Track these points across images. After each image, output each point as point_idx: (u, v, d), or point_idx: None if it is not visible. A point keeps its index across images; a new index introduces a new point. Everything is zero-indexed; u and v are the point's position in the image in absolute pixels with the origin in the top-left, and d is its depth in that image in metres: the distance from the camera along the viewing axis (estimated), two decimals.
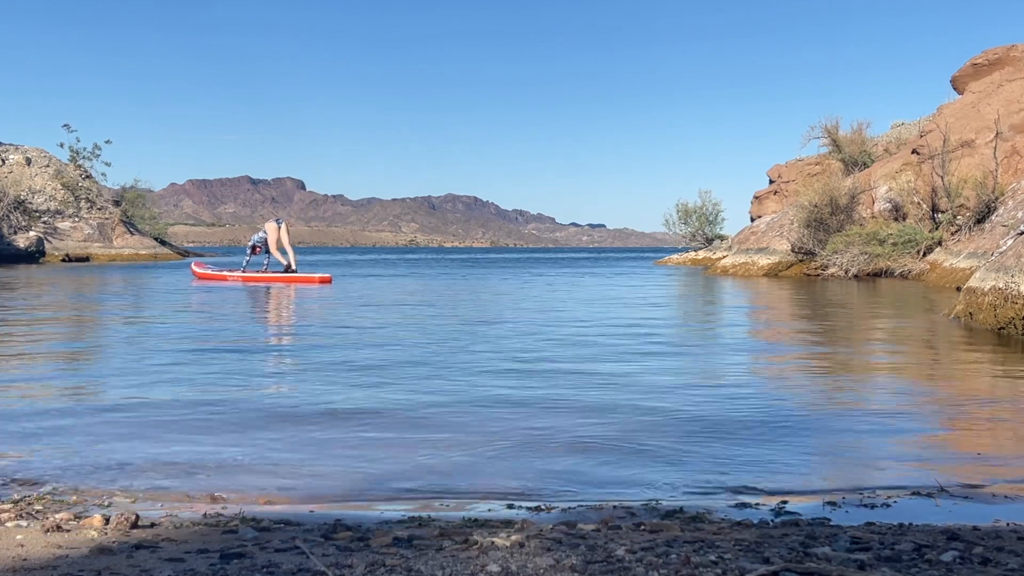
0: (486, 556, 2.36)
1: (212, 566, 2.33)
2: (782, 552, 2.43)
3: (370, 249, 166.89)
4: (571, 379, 6.22)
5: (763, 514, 3.14)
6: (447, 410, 5.07)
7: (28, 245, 39.70)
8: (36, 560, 2.35)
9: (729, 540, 2.57)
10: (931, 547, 2.50)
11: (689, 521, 2.96)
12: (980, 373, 6.82)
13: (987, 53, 27.02)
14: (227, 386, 5.88)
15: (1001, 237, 15.55)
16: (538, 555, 2.37)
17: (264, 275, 21.34)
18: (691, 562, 2.29)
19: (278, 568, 2.29)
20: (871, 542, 2.57)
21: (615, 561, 2.32)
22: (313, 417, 4.86)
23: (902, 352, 8.38)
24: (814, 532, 2.74)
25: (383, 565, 2.30)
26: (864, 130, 31.53)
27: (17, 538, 2.58)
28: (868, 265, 22.32)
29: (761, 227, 30.12)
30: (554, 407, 5.17)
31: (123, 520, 2.76)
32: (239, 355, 7.60)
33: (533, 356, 7.51)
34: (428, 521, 2.96)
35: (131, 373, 6.43)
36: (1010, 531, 2.79)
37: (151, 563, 2.36)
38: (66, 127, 49.46)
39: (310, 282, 20.24)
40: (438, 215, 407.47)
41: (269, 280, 20.92)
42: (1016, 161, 21.51)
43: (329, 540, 2.63)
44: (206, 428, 4.58)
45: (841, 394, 6.00)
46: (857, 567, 2.29)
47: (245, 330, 10.25)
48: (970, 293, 10.05)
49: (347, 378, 6.24)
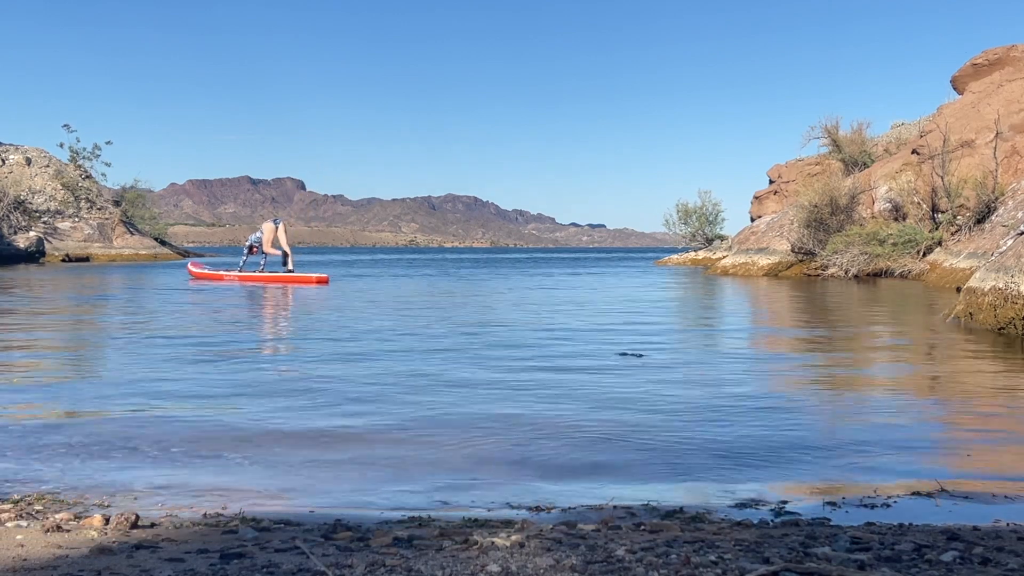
0: (486, 556, 2.36)
1: (212, 566, 2.33)
2: (782, 552, 2.43)
3: (370, 249, 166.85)
4: (571, 378, 6.22)
5: (763, 514, 3.14)
6: (443, 413, 5.07)
7: (28, 245, 39.69)
8: (36, 560, 2.35)
9: (729, 540, 2.57)
10: (931, 547, 2.50)
11: (689, 521, 2.96)
12: (980, 373, 6.82)
13: (987, 53, 27.02)
14: (226, 388, 5.88)
15: (1001, 237, 15.54)
16: (538, 555, 2.37)
17: (260, 275, 21.37)
18: (691, 562, 2.29)
19: (278, 568, 2.29)
20: (871, 542, 2.57)
21: (615, 561, 2.32)
22: (311, 419, 4.86)
23: (902, 352, 8.38)
24: (814, 532, 2.74)
25: (383, 565, 2.29)
26: (864, 130, 31.56)
27: (17, 538, 2.57)
28: (868, 265, 22.32)
29: (761, 227, 30.12)
30: (553, 406, 5.17)
31: (123, 520, 2.76)
32: (237, 360, 7.60)
33: (531, 356, 7.51)
34: (428, 521, 2.96)
35: (131, 376, 6.43)
36: (1010, 531, 2.79)
37: (151, 563, 2.36)
38: (66, 127, 49.53)
39: (307, 282, 20.28)
40: (438, 215, 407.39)
41: (266, 280, 20.95)
42: (1016, 161, 21.51)
43: (329, 540, 2.63)
44: (206, 428, 4.57)
45: (841, 394, 6.00)
46: (857, 567, 2.29)
47: (242, 335, 10.25)
48: (970, 293, 10.05)
49: (343, 380, 6.24)
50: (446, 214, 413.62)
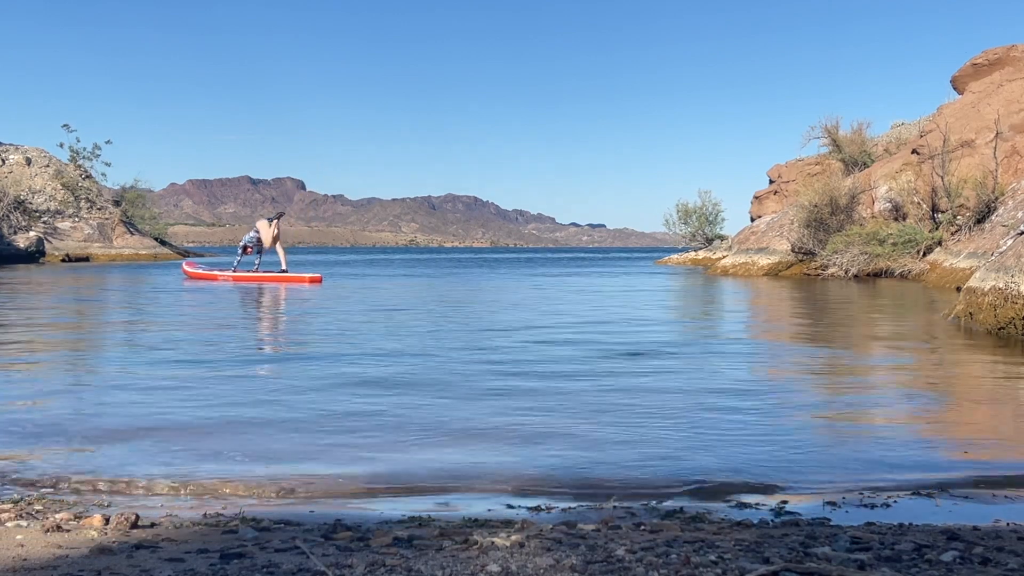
0: (486, 556, 2.36)
1: (212, 566, 2.33)
2: (782, 552, 2.43)
3: (370, 249, 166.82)
4: (569, 376, 6.22)
5: (763, 514, 3.14)
6: (440, 408, 5.07)
7: (28, 245, 39.69)
8: (36, 560, 2.35)
9: (729, 540, 2.57)
10: (931, 547, 2.50)
11: (689, 521, 2.96)
12: (980, 373, 6.82)
13: (987, 53, 27.01)
14: (224, 389, 5.88)
15: (1001, 237, 15.54)
16: (538, 555, 2.37)
17: (255, 275, 21.47)
18: (691, 562, 2.29)
19: (278, 568, 2.29)
20: (871, 542, 2.57)
21: (615, 561, 2.32)
22: (312, 415, 4.86)
23: (902, 352, 8.38)
24: (814, 532, 2.74)
25: (383, 565, 2.29)
26: (864, 130, 31.54)
27: (17, 538, 2.57)
28: (868, 265, 22.31)
29: (761, 227, 30.11)
30: (552, 404, 5.17)
31: (123, 520, 2.76)
32: (233, 360, 7.60)
33: (529, 357, 7.51)
34: (428, 521, 2.96)
35: (130, 376, 6.43)
36: (1010, 531, 2.79)
37: (151, 563, 2.36)
38: (66, 127, 49.54)
39: (300, 282, 20.40)
40: (438, 215, 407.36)
41: (259, 280, 21.04)
42: (1016, 161, 21.50)
43: (329, 540, 2.63)
44: (205, 428, 4.57)
45: (840, 394, 6.00)
46: (857, 567, 2.29)
47: (236, 334, 10.25)
48: (970, 293, 10.05)
49: (335, 381, 6.24)
50: (446, 214, 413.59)
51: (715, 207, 40.38)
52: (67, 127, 49.23)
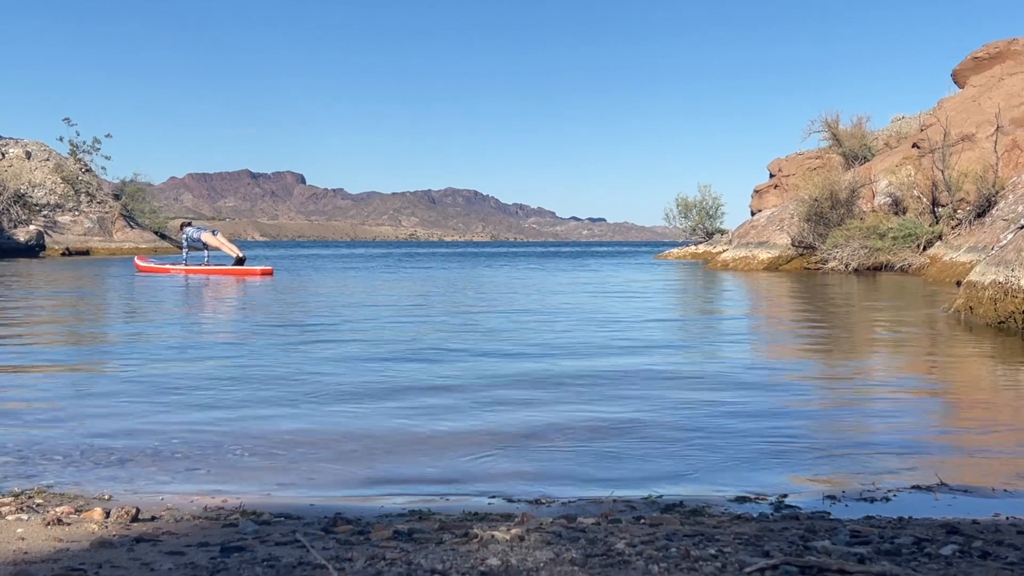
0: (486, 549, 2.36)
1: (212, 559, 2.33)
2: (782, 546, 2.43)
3: (368, 243, 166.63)
4: (568, 376, 6.22)
5: (763, 508, 3.15)
6: (440, 398, 5.07)
7: (28, 239, 39.68)
8: (37, 553, 2.35)
9: (729, 534, 2.57)
10: (931, 541, 2.50)
11: (689, 515, 2.96)
12: (980, 367, 6.82)
13: (988, 47, 26.95)
14: (220, 384, 5.89)
15: (1001, 231, 15.53)
16: (538, 548, 2.37)
17: (205, 268, 22.02)
18: (691, 555, 2.30)
19: (278, 562, 2.29)
20: (871, 536, 2.57)
21: (615, 554, 2.32)
22: (308, 417, 4.87)
23: (902, 346, 8.38)
24: (814, 526, 2.74)
25: (383, 558, 2.30)
26: (864, 124, 31.53)
27: (18, 531, 2.58)
28: (868, 259, 22.30)
29: (761, 221, 30.08)
30: (551, 402, 5.17)
31: (123, 514, 2.77)
32: (229, 360, 7.61)
33: (529, 351, 7.51)
34: (428, 515, 2.96)
35: (129, 374, 6.44)
36: (1009, 525, 2.80)
37: (152, 556, 2.36)
38: (66, 121, 49.50)
39: (252, 275, 20.74)
40: (438, 209, 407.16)
41: (211, 272, 21.55)
42: (1017, 155, 21.47)
43: (329, 534, 2.63)
44: (205, 429, 4.58)
45: (841, 388, 6.00)
46: (857, 561, 2.29)
47: (227, 326, 10.25)
48: (970, 287, 10.05)
49: (327, 379, 6.24)
50: (446, 208, 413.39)
51: (715, 201, 40.37)
52: (67, 121, 49.25)
